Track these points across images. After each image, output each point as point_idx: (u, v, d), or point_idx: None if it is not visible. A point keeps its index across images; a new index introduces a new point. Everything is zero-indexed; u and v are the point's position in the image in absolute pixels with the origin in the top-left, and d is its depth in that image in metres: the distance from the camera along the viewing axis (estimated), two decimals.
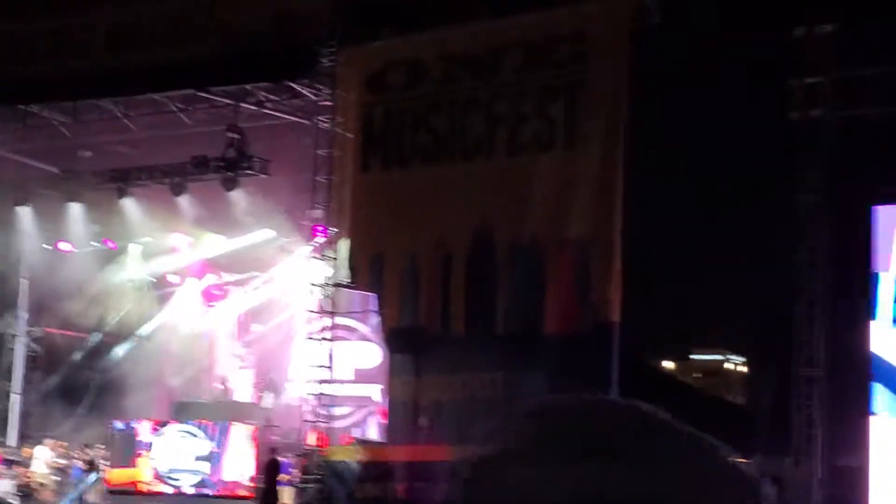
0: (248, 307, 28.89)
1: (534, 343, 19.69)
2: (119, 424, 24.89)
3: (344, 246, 22.42)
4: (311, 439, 23.29)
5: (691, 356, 52.27)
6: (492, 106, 20.46)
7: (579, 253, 19.49)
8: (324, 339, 23.24)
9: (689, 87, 20.08)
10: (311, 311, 23.68)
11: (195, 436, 24.14)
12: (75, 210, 26.87)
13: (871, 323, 18.44)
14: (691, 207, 22.08)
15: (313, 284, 23.42)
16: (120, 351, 29.21)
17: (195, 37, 23.00)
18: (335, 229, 23.02)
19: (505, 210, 20.27)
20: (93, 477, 24.81)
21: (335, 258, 22.94)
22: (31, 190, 27.00)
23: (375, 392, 26.54)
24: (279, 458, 22.44)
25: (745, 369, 43.88)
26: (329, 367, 23.19)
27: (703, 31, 19.18)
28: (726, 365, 53.31)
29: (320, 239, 23.37)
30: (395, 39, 21.49)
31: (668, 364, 43.60)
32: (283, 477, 22.61)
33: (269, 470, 22.24)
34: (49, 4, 24.53)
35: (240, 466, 23.62)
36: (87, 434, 26.18)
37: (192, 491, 23.87)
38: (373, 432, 25.97)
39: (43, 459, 25.86)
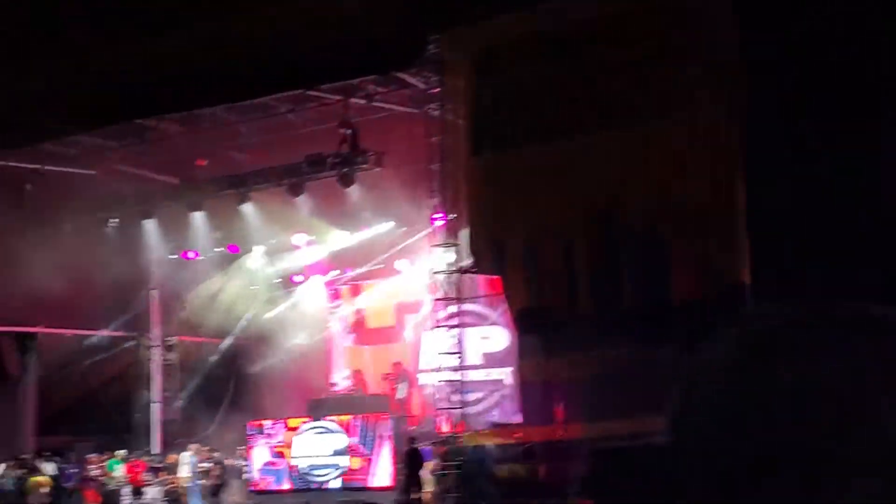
0: (373, 299, 29.16)
1: (663, 315, 19.58)
2: (256, 426, 25.38)
3: (465, 232, 22.56)
4: (447, 426, 23.52)
5: None
6: (603, 80, 20.33)
7: (703, 220, 19.33)
8: (451, 325, 23.45)
9: (811, 47, 19.61)
10: (437, 300, 23.86)
11: (332, 431, 24.48)
12: (198, 218, 27.50)
13: None
14: (815, 167, 21.65)
15: (437, 272, 23.61)
16: (252, 353, 29.73)
17: (297, 37, 23.30)
18: (454, 216, 23.18)
19: (625, 184, 20.17)
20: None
21: (457, 245, 23.12)
22: (155, 203, 27.70)
23: (506, 375, 26.65)
24: (418, 447, 22.66)
25: None
26: (459, 354, 23.39)
27: None
28: None
29: (440, 227, 23.52)
30: (501, 19, 21.46)
31: None
32: (424, 465, 22.83)
33: (410, 459, 22.48)
34: (153, 20, 25.07)
35: (378, 458, 23.91)
36: (227, 437, 26.71)
37: (332, 486, 24.20)
38: (507, 415, 26.06)
39: (186, 464, 26.51)
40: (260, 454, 25.16)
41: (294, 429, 24.90)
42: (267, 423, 25.31)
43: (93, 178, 26.90)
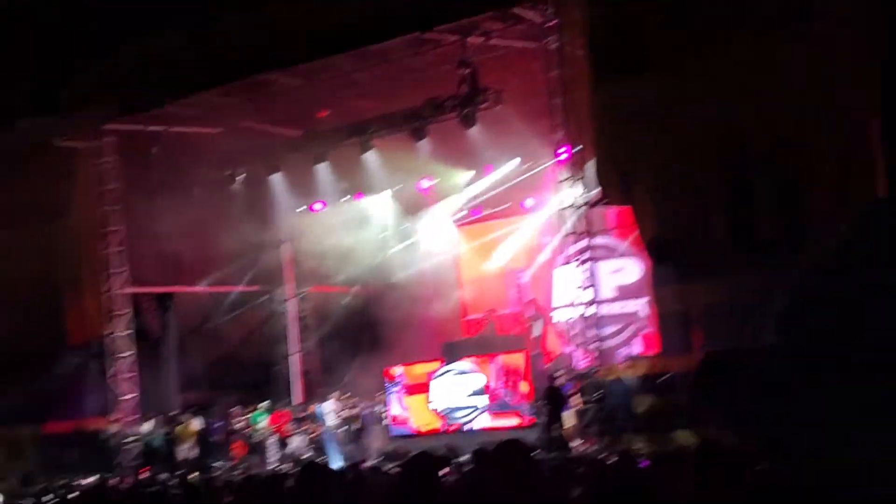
0: (503, 238, 29.19)
1: (796, 237, 19.35)
2: (392, 371, 25.74)
3: (591, 164, 22.49)
4: (584, 362, 23.58)
5: None
6: (728, 1, 20.00)
7: (836, 144, 18.99)
8: (583, 260, 23.44)
9: None
10: (567, 235, 23.85)
11: (468, 372, 24.70)
12: (322, 169, 27.82)
13: None
14: None
15: (565, 207, 23.58)
16: (383, 299, 30.04)
17: None
18: (579, 149, 23.11)
19: (754, 108, 19.88)
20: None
21: (583, 178, 23.07)
22: (280, 157, 28.09)
23: (641, 307, 26.55)
24: (558, 384, 22.75)
25: None
26: (592, 288, 23.40)
27: None
28: None
29: (565, 161, 23.45)
30: None
31: None
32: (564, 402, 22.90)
33: (550, 396, 22.57)
34: None
35: (516, 397, 24.07)
36: (365, 384, 27.10)
37: (472, 427, 24.42)
38: (644, 347, 26.02)
39: (329, 413, 27.00)
40: (398, 399, 25.55)
41: (431, 372, 25.19)
42: (402, 367, 25.64)
43: (217, 137, 27.38)
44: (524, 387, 23.89)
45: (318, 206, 29.97)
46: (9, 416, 28.48)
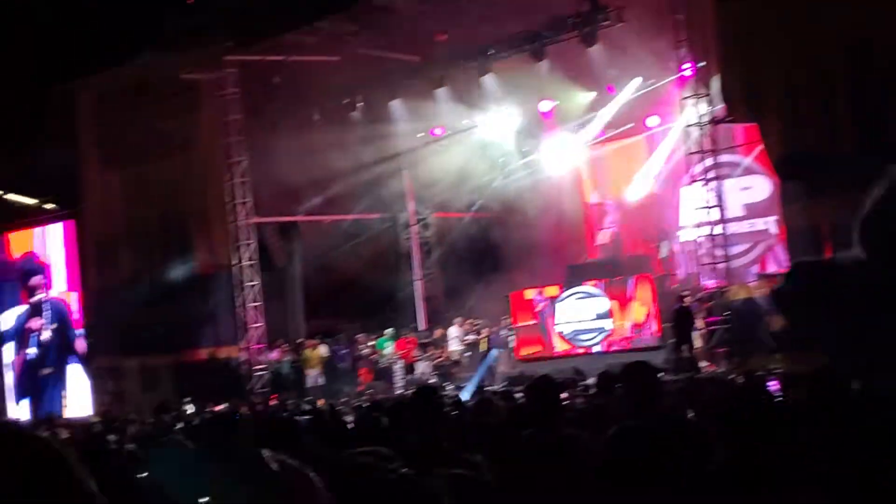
0: (626, 159, 28.91)
1: None
2: (517, 295, 25.85)
3: (716, 80, 22.15)
4: (713, 281, 23.41)
5: None
6: None
7: None
8: (709, 178, 23.20)
9: None
10: (692, 153, 23.58)
11: (593, 295, 24.73)
12: (441, 94, 27.80)
13: None
14: None
15: (690, 125, 23.30)
16: (506, 223, 30.08)
17: None
18: (703, 65, 22.78)
19: (881, 17, 19.35)
20: (494, 353, 26.04)
21: (709, 94, 22.76)
22: (398, 83, 28.13)
23: (770, 224, 26.21)
24: (687, 305, 22.61)
25: None
26: (719, 207, 23.16)
27: None
28: None
29: (689, 78, 23.12)
30: None
31: None
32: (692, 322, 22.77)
33: (679, 317, 22.46)
34: None
35: (642, 319, 24.04)
36: (490, 308, 27.29)
37: (598, 349, 24.49)
38: (774, 265, 25.70)
39: (454, 338, 27.31)
40: (523, 322, 25.69)
41: (555, 296, 25.25)
42: (528, 291, 25.75)
43: (336, 65, 27.49)
44: (651, 308, 23.81)
45: (437, 131, 30.02)
46: (145, 346, 29.36)
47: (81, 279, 32.22)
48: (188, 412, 20.62)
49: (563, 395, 8.14)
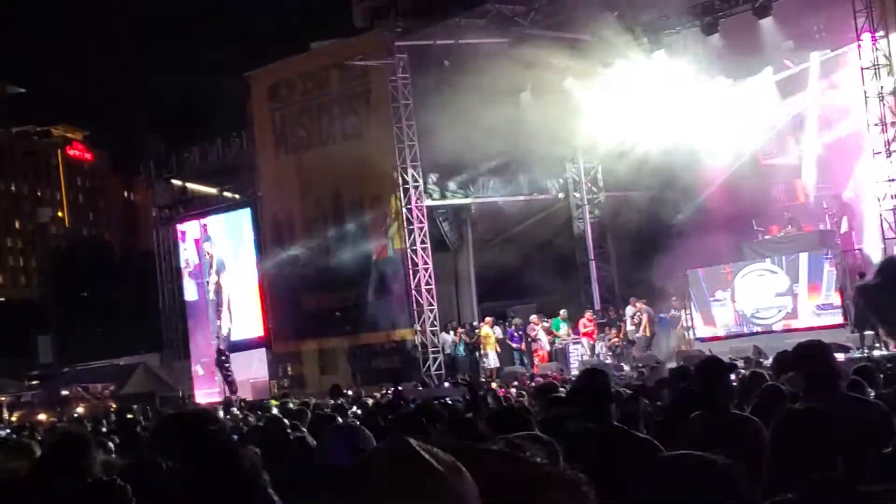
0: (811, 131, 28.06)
1: None
2: (692, 274, 25.83)
3: None
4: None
5: None
6: None
7: None
8: (892, 151, 22.87)
9: None
10: (874, 125, 23.22)
11: (774, 273, 24.55)
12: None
13: None
14: None
15: (871, 97, 22.97)
16: (680, 202, 29.74)
17: None
18: (882, 34, 22.46)
19: None
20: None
21: (889, 65, 22.44)
22: (567, 63, 28.07)
23: None
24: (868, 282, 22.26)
25: None
26: None
27: None
28: None
29: (869, 47, 22.79)
30: None
31: None
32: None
33: (864, 294, 22.08)
34: None
35: (822, 297, 23.74)
36: (664, 288, 27.26)
37: (779, 327, 24.29)
38: None
39: (630, 317, 27.38)
40: (699, 301, 25.67)
41: (732, 274, 25.15)
42: (704, 269, 25.68)
43: (505, 46, 27.81)
44: (831, 284, 23.52)
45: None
46: (323, 329, 30.32)
47: (259, 266, 33.29)
48: (363, 395, 21.09)
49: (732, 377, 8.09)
